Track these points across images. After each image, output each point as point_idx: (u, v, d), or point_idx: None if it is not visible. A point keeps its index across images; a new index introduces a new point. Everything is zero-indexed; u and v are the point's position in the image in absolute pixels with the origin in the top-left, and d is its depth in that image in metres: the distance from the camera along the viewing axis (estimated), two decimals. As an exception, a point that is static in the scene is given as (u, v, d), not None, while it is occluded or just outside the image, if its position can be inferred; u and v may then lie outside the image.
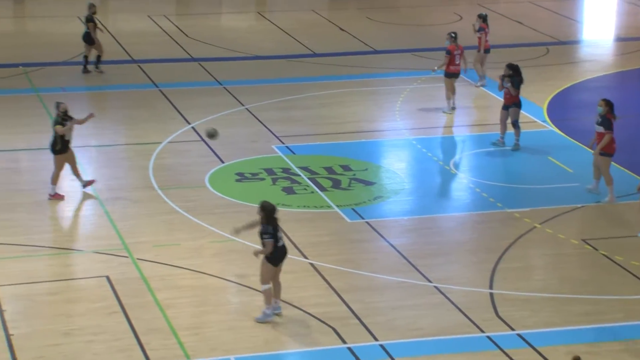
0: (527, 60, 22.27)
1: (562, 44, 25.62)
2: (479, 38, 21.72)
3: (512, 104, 18.24)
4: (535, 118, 19.99)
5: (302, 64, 23.95)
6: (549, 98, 21.10)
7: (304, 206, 15.96)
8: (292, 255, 14.21)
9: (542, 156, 18.08)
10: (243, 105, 20.81)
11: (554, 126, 19.61)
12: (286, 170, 17.36)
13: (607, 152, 16.04)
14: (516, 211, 15.78)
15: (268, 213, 12.23)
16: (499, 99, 20.09)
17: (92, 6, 22.47)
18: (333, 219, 15.58)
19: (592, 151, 16.31)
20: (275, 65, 23.79)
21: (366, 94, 21.74)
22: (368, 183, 16.92)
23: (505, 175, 17.33)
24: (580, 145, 18.42)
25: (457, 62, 20.37)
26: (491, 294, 13.24)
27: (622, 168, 17.34)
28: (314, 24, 27.77)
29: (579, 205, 15.98)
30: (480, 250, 14.55)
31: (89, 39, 22.32)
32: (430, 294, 13.24)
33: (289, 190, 16.52)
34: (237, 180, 16.94)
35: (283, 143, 18.63)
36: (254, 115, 20.16)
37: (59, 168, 15.89)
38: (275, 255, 12.34)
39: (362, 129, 19.56)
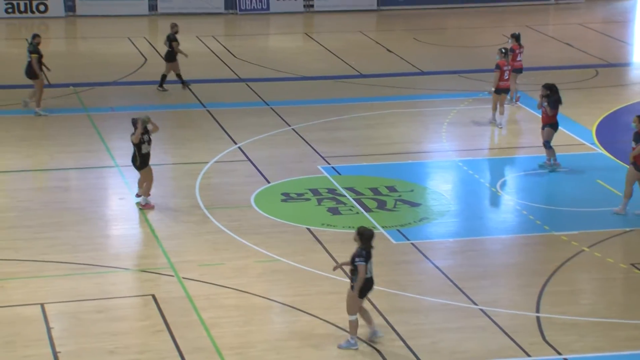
0: (576, 82, 22.12)
1: (611, 67, 25.41)
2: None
3: (548, 125, 18.13)
4: (583, 140, 19.83)
5: (349, 84, 24.02)
6: (598, 120, 20.92)
7: (350, 227, 15.94)
8: (337, 277, 14.22)
9: (590, 179, 17.91)
10: (289, 125, 20.90)
11: (602, 149, 19.43)
12: (332, 190, 17.39)
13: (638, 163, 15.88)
14: (564, 234, 15.64)
15: (365, 239, 12.14)
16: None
17: (174, 25, 22.83)
18: (378, 240, 15.41)
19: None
20: (322, 86, 23.88)
21: (412, 115, 21.73)
22: (414, 204, 16.88)
23: (553, 197, 17.19)
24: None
25: (506, 78, 20.32)
26: (538, 318, 13.11)
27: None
28: (361, 45, 27.86)
29: (628, 229, 15.79)
30: (526, 273, 14.43)
31: (170, 58, 22.57)
32: (475, 317, 13.15)
33: (334, 211, 16.54)
34: (283, 201, 16.99)
35: (329, 163, 18.67)
36: (300, 136, 20.24)
37: (149, 181, 16.30)
38: (362, 287, 12.17)
39: (408, 150, 19.54)
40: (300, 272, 14.38)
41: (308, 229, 15.84)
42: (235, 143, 19.73)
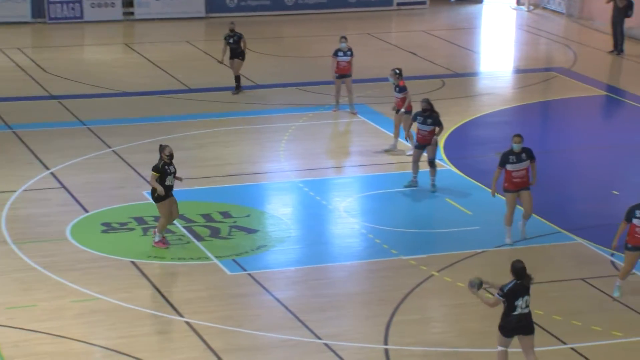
0: (422, 94, 22.76)
1: (458, 76, 26.30)
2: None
3: (430, 142, 18.49)
4: (431, 156, 20.36)
5: (176, 100, 23.92)
6: (446, 135, 21.58)
7: (179, 258, 15.85)
8: (165, 314, 14.10)
9: (439, 198, 18.44)
10: (109, 147, 20.62)
11: (451, 165, 20.05)
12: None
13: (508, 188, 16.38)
14: (412, 258, 16.03)
15: (517, 273, 12.10)
16: (389, 135, 20.50)
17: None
18: (212, 271, 15.52)
19: (514, 191, 16.25)
20: (146, 102, 23.69)
21: (248, 132, 21.83)
22: (250, 231, 16.93)
23: (400, 219, 17.60)
24: (480, 185, 18.88)
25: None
26: (386, 350, 13.37)
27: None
28: (189, 56, 27.81)
29: (479, 251, 16.33)
30: (374, 302, 14.70)
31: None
32: (320, 352, 13.28)
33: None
34: (103, 231, 16.75)
35: (155, 189, 18.52)
36: (122, 158, 20.00)
37: (163, 216, 15.90)
38: (505, 324, 12.17)
39: (243, 171, 19.61)
40: (124, 311, 14.18)
41: (132, 262, 15.66)
42: (47, 168, 19.31)
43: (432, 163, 18.52)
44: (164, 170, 15.88)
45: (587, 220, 17.59)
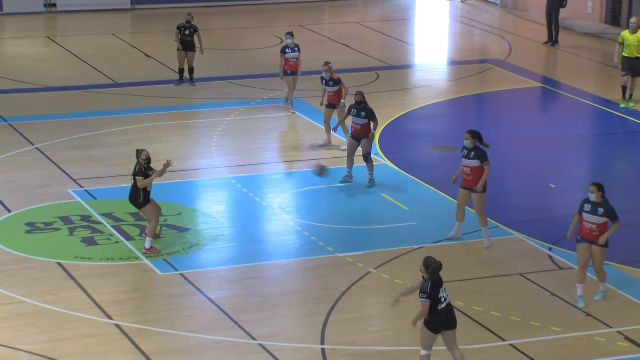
0: (356, 87, 22.79)
1: (392, 69, 26.41)
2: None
3: (364, 136, 18.55)
4: (366, 151, 20.41)
5: (102, 95, 23.67)
6: (381, 128, 21.65)
7: (108, 259, 15.69)
8: (93, 316, 13.94)
9: (374, 193, 18.49)
10: (32, 144, 20.34)
11: (386, 159, 20.12)
12: (85, 217, 17.05)
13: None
14: (348, 255, 16.05)
15: (432, 270, 12.08)
16: (323, 130, 20.54)
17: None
18: (142, 271, 15.38)
19: (463, 188, 16.13)
20: (70, 97, 23.41)
21: (178, 128, 21.69)
22: (182, 229, 16.82)
23: (335, 215, 17.61)
24: (416, 179, 18.98)
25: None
26: (323, 350, 13.38)
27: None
28: (115, 49, 27.54)
29: (416, 247, 16.41)
30: (310, 301, 14.70)
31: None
32: (254, 353, 13.24)
33: (89, 241, 16.22)
34: (28, 232, 16.52)
35: (81, 187, 18.31)
36: (46, 156, 19.74)
37: (152, 219, 15.71)
38: (434, 319, 12.11)
39: (173, 167, 19.43)
40: (51, 314, 14.01)
41: (58, 264, 15.47)
42: (-32, 166, 19.01)
43: (366, 158, 18.56)
44: (146, 175, 15.73)
45: (525, 214, 17.77)
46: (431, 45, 29.64)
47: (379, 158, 20.04)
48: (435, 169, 19.65)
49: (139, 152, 15.93)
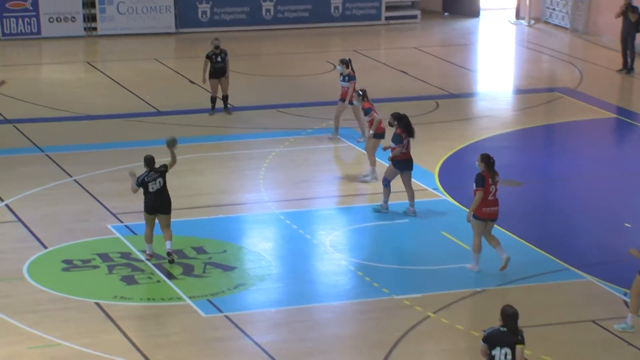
0: (414, 116, 22.81)
1: (453, 97, 26.41)
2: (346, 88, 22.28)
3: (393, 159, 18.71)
4: (425, 185, 20.43)
5: (143, 124, 23.91)
6: (441, 161, 21.65)
7: (149, 299, 15.79)
8: (134, 361, 14.02)
9: (434, 230, 18.46)
10: (70, 176, 20.57)
11: (447, 194, 20.09)
12: (125, 255, 17.19)
13: (476, 214, 16.50)
14: (405, 298, 16.02)
15: (505, 318, 12.16)
16: (381, 162, 20.53)
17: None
18: (184, 313, 15.46)
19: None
20: (110, 126, 23.67)
21: (223, 159, 21.83)
22: (227, 268, 16.90)
23: (392, 254, 17.61)
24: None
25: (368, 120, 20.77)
26: (378, 400, 13.34)
27: (530, 245, 17.85)
28: (158, 76, 27.83)
29: (479, 290, 16.34)
30: (364, 347, 14.67)
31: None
32: (305, 403, 13.26)
33: (129, 280, 16.35)
34: (64, 270, 16.68)
35: (121, 222, 18.47)
36: (84, 188, 19.95)
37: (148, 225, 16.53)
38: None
39: (219, 202, 19.59)
40: (88, 358, 14.09)
41: (97, 304, 15.59)
42: (2, 200, 19.25)
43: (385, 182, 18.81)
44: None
45: (597, 256, 17.63)
46: (495, 72, 29.61)
47: (439, 193, 20.02)
48: (500, 205, 19.54)
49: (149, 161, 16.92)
